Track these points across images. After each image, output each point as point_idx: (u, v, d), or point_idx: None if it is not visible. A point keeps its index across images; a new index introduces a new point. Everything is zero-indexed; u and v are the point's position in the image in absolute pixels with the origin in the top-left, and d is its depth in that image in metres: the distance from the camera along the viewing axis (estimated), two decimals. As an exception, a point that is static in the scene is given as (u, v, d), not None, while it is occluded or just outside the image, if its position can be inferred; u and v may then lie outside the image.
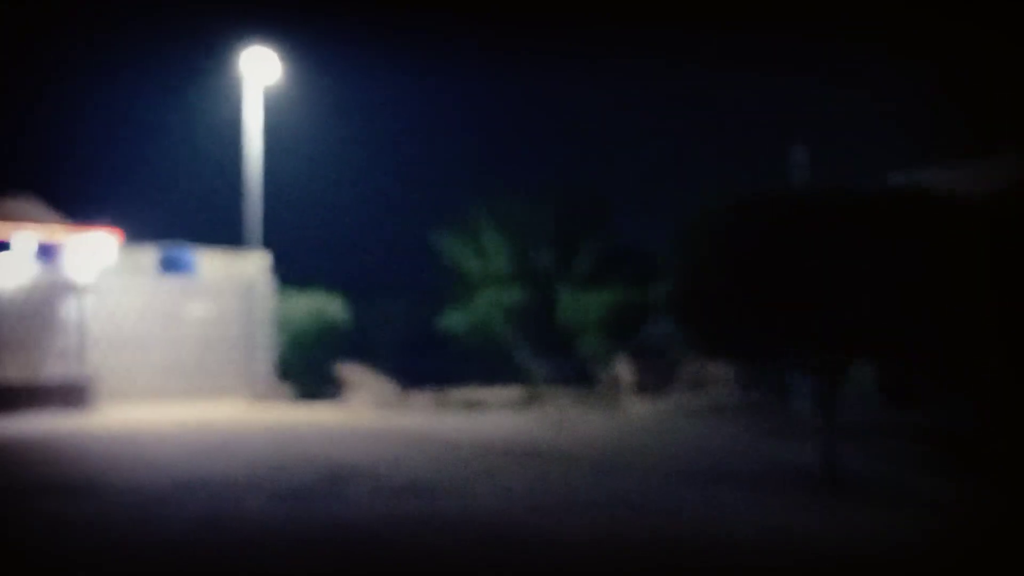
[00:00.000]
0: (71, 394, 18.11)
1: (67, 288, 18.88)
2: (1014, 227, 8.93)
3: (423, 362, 24.83)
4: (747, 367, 17.81)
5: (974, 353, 9.56)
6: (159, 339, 20.77)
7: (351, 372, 23.22)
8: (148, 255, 21.22)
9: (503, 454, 11.33)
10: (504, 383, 20.79)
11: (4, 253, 18.14)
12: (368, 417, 16.81)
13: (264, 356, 21.69)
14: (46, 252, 18.45)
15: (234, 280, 21.94)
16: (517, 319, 22.56)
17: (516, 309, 22.34)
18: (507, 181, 24.06)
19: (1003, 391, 10.20)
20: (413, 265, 26.14)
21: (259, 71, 21.76)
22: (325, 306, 21.34)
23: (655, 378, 22.78)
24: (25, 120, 39.04)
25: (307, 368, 21.29)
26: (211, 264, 21.97)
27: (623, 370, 23.22)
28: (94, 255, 19.19)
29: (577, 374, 23.04)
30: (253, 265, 21.83)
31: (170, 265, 21.28)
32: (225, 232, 23.36)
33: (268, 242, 22.28)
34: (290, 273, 22.81)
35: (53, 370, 19.10)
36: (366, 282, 25.33)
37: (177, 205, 30.13)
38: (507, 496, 8.36)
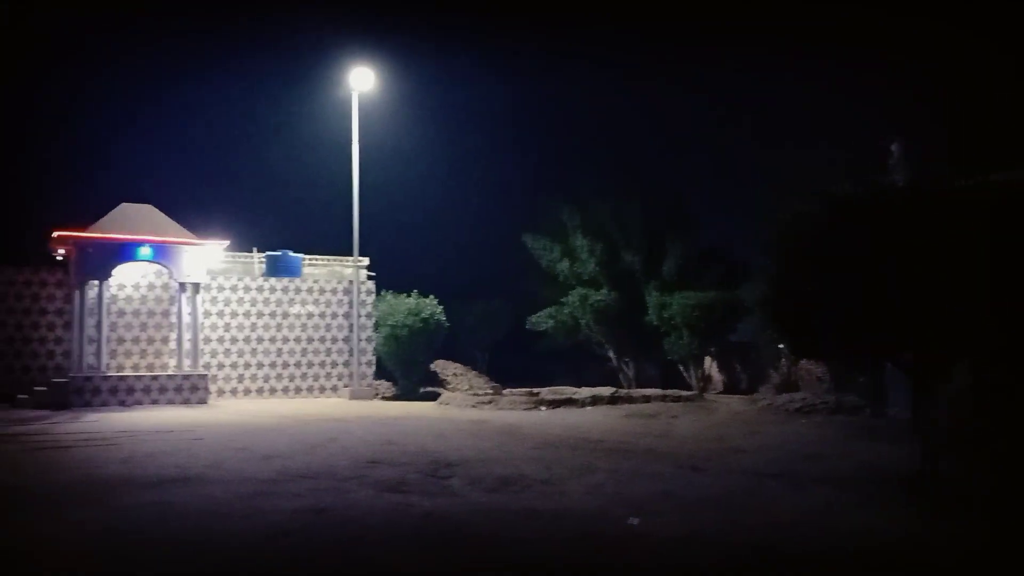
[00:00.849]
0: (186, 388, 19.24)
1: (182, 290, 20.02)
2: None
3: (514, 360, 25.28)
4: (840, 367, 17.37)
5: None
6: (265, 338, 21.89)
7: (446, 369, 23.84)
8: (256, 260, 22.37)
9: (594, 451, 11.44)
10: (593, 382, 20.93)
11: (126, 258, 19.41)
12: (463, 413, 17.17)
13: (363, 355, 22.53)
14: (164, 256, 19.63)
15: (335, 283, 22.90)
16: (605, 319, 22.66)
17: (604, 309, 22.43)
18: (594, 183, 24.04)
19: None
20: (504, 267, 26.54)
21: (357, 85, 22.41)
22: (421, 307, 21.87)
23: (745, 378, 22.56)
24: (145, 134, 41.57)
25: (404, 366, 21.92)
26: (314, 268, 23.01)
27: (712, 370, 23.05)
28: (207, 259, 20.32)
29: (665, 374, 23.02)
30: (353, 269, 22.70)
31: (276, 269, 22.34)
32: (327, 238, 24.35)
33: (367, 246, 23.12)
34: (388, 276, 23.59)
35: (170, 366, 20.35)
36: (459, 284, 25.91)
37: (284, 212, 31.53)
38: (600, 492, 8.49)
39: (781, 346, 17.67)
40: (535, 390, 19.35)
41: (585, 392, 18.81)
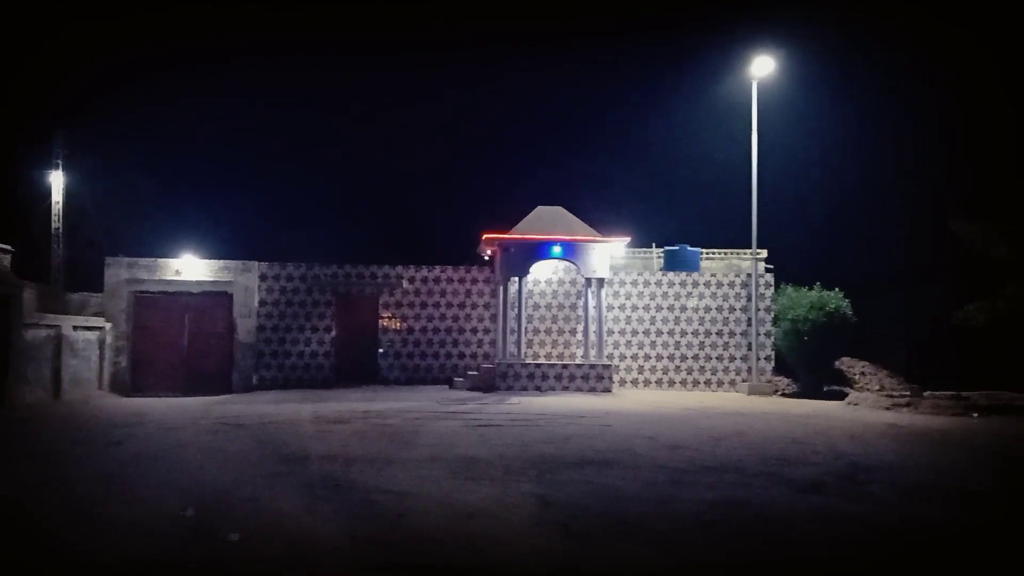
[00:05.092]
0: (592, 377, 20.47)
1: (588, 285, 21.37)
2: None
3: (933, 359, 22.70)
4: None
5: None
6: (663, 331, 22.46)
7: (853, 367, 22.27)
8: (654, 254, 23.08)
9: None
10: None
11: (541, 256, 21.27)
12: (875, 415, 15.86)
13: (762, 349, 21.99)
14: (572, 254, 21.15)
15: (733, 276, 22.68)
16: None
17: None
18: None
19: None
20: (918, 257, 24.01)
21: (757, 73, 21.56)
22: (825, 300, 20.70)
23: None
24: (553, 141, 45.52)
25: (806, 362, 20.95)
26: (711, 261, 23.05)
27: None
28: (610, 256, 21.44)
29: None
30: (751, 261, 22.25)
31: (674, 263, 22.83)
32: (724, 231, 24.28)
33: (766, 239, 22.49)
34: (787, 268, 22.77)
35: (577, 355, 21.86)
36: (867, 276, 24.05)
37: (681, 207, 32.25)
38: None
39: None
40: (964, 393, 17.16)
41: (1029, 400, 16.22)
